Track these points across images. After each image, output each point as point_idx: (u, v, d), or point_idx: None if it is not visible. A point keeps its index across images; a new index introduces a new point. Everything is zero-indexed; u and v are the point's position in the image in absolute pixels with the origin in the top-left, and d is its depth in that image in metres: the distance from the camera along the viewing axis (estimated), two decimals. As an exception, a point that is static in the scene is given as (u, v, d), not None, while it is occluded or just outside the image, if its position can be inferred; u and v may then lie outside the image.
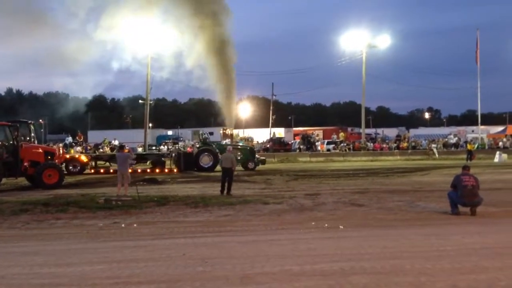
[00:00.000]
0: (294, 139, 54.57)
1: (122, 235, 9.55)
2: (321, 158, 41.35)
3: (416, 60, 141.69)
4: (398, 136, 54.22)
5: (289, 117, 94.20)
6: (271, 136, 56.55)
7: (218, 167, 26.61)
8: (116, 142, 40.63)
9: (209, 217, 11.52)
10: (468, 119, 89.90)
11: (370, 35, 49.91)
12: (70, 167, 25.69)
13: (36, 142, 22.81)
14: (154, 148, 47.23)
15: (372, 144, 48.35)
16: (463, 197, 11.06)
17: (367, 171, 26.38)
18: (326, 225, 10.25)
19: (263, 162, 30.59)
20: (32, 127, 22.44)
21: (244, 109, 69.50)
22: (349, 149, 45.73)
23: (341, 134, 52.82)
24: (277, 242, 8.38)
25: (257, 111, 76.12)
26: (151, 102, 45.76)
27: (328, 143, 48.84)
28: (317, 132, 57.46)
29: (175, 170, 26.83)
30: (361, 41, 48.67)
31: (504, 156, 35.66)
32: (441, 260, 6.81)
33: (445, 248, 7.67)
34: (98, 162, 27.47)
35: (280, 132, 64.89)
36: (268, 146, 49.03)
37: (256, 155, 30.66)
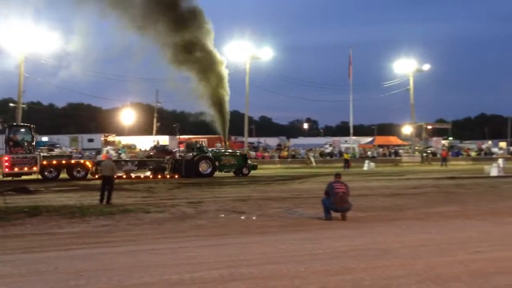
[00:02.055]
0: (179, 147, 54.11)
1: (-15, 250, 8.74)
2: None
3: (297, 73, 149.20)
4: (279, 145, 56.46)
5: (174, 125, 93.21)
6: (155, 143, 55.50)
7: (218, 173, 28.96)
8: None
9: (86, 228, 10.99)
10: (343, 130, 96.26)
11: (254, 46, 51.37)
12: (75, 172, 26.22)
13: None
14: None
15: (254, 152, 49.71)
16: (335, 203, 11.85)
17: (250, 179, 27.06)
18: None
19: (255, 167, 31.37)
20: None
21: (127, 116, 67.48)
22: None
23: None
24: (157, 251, 8.27)
25: (141, 118, 74.27)
26: (24, 106, 42.46)
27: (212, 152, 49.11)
28: (201, 140, 57.56)
29: (176, 176, 27.43)
30: (245, 53, 49.85)
31: (372, 164, 38.88)
32: (314, 263, 7.25)
33: (317, 251, 8.16)
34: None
35: (164, 140, 63.96)
36: (151, 154, 48.01)
37: (248, 161, 31.49)
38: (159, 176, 27.23)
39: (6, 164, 24.62)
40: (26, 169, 25.17)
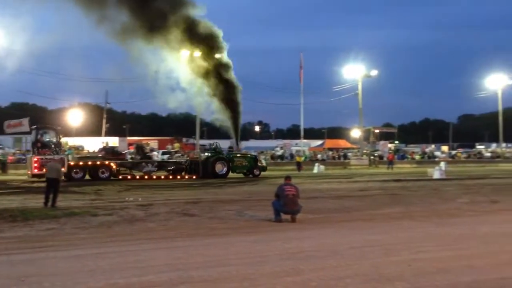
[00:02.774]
0: (128, 148, 53.09)
1: None
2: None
3: (249, 76, 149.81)
4: (230, 147, 56.31)
5: (124, 126, 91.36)
6: (104, 145, 54.17)
7: (232, 174, 30.45)
8: None
9: (29, 232, 10.58)
10: (293, 133, 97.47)
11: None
12: (99, 173, 27.03)
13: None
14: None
15: (205, 155, 49.45)
16: (285, 206, 11.98)
17: (201, 182, 26.92)
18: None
19: (265, 169, 33.01)
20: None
21: (75, 117, 65.45)
22: (183, 159, 46.10)
23: (176, 145, 53.02)
24: (104, 255, 8.08)
25: (89, 119, 72.26)
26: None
27: (163, 153, 48.62)
28: (152, 142, 56.72)
29: (194, 177, 28.94)
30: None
31: (322, 167, 39.63)
32: (263, 265, 7.30)
33: (267, 253, 8.23)
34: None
35: (114, 141, 62.53)
36: (100, 155, 46.83)
37: (258, 163, 32.83)
38: (178, 177, 28.80)
39: (35, 165, 25.31)
40: None
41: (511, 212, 14.16)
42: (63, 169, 20.29)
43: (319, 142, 71.69)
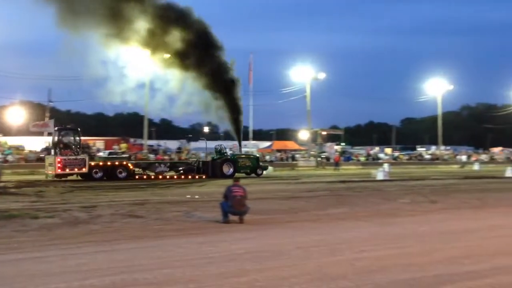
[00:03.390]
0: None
1: None
2: (101, 169, 39.87)
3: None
4: (179, 148, 55.75)
5: (68, 126, 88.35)
6: (47, 145, 52.24)
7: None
8: None
9: (-37, 236, 10.06)
10: (242, 134, 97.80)
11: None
12: (117, 173, 28.08)
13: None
14: None
15: (154, 155, 48.69)
16: (233, 207, 12.01)
17: (148, 182, 26.50)
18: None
19: (266, 168, 35.40)
20: None
21: (15, 115, 62.66)
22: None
23: (123, 145, 51.87)
24: (44, 259, 7.80)
25: (31, 118, 69.44)
26: None
27: (110, 154, 47.47)
28: (97, 142, 55.24)
29: (203, 176, 30.11)
30: (143, 53, 48.73)
31: (270, 168, 39.81)
32: (210, 266, 7.29)
33: (214, 254, 8.22)
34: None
35: (57, 141, 60.34)
36: (43, 155, 45.14)
37: (260, 163, 34.92)
38: (189, 177, 29.87)
39: (59, 165, 26.27)
40: (76, 170, 27.00)
41: (448, 211, 14.84)
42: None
43: (267, 143, 72.24)
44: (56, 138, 27.81)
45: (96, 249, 8.80)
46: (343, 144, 73.91)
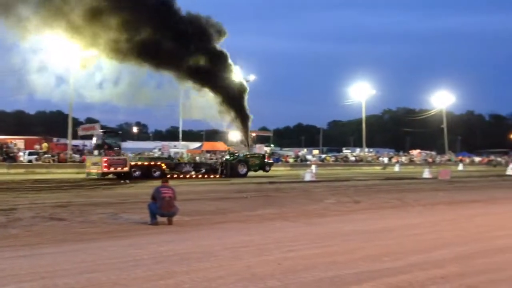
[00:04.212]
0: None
1: None
2: (21, 169, 37.99)
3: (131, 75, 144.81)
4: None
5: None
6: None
7: (251, 173, 35.33)
8: None
9: None
10: (172, 134, 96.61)
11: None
12: (152, 172, 30.55)
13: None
14: None
15: (79, 156, 46.89)
16: (161, 208, 11.84)
17: (72, 184, 25.49)
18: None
19: (272, 164, 39.53)
20: None
21: None
22: (53, 160, 43.30)
23: (44, 145, 49.58)
24: (-44, 266, 7.30)
25: None
26: None
27: (30, 154, 45.23)
28: (17, 141, 52.33)
29: (222, 176, 33.52)
30: (71, 51, 46.86)
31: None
32: (136, 269, 7.15)
33: (141, 257, 8.07)
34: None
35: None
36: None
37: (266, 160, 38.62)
38: (211, 176, 33.19)
39: (105, 164, 28.97)
40: (119, 169, 29.63)
41: (371, 211, 15.51)
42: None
43: (197, 144, 71.77)
44: (100, 141, 30.97)
45: (15, 254, 8.34)
46: (272, 145, 75.07)
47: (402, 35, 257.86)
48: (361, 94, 70.11)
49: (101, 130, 33.22)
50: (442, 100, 76.74)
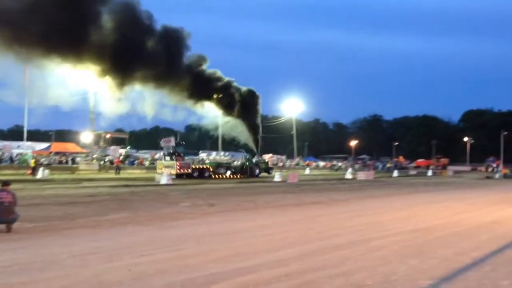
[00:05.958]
0: None
1: None
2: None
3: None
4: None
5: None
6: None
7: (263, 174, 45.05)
8: None
9: None
10: (16, 134, 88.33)
11: None
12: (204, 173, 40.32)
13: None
14: None
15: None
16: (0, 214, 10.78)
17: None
18: None
19: (272, 168, 48.19)
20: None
21: None
22: None
23: None
24: None
25: None
26: None
27: None
28: None
29: (243, 177, 41.99)
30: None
31: (47, 172, 36.73)
32: (-35, 284, 6.42)
33: (-28, 270, 7.25)
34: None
35: None
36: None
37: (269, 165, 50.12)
38: (238, 176, 41.92)
39: (178, 167, 38.53)
40: (186, 170, 38.98)
41: (225, 213, 15.91)
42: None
43: (45, 145, 66.52)
44: (172, 149, 40.36)
45: None
46: (128, 147, 72.89)
47: (262, 45, 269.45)
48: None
49: (176, 142, 41.82)
50: (292, 108, 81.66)
